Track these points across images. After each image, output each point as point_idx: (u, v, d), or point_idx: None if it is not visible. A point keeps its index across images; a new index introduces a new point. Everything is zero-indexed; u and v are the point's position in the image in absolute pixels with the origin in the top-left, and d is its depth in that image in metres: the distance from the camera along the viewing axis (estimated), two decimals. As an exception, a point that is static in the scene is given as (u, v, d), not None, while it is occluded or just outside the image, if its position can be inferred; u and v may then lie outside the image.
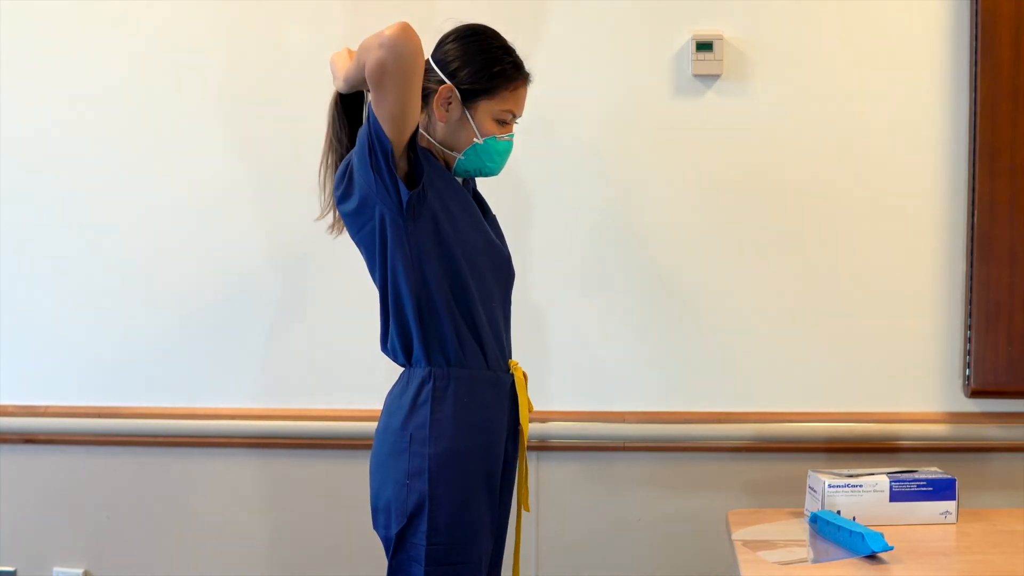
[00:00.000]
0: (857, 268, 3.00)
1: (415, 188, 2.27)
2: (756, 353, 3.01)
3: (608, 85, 2.99)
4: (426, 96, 2.38)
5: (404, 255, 2.31)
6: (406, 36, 2.18)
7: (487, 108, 2.38)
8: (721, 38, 2.95)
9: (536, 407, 2.98)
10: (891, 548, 2.38)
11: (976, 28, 2.91)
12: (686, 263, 3.00)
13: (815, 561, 2.40)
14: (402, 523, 2.33)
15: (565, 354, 3.03)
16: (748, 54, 2.97)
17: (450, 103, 2.37)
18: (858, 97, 2.97)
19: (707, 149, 2.99)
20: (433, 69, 2.38)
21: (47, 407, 3.11)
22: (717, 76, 2.97)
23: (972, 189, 2.94)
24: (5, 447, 3.12)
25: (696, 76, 2.97)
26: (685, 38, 2.97)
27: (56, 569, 3.15)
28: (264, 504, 3.12)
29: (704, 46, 2.95)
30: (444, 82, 2.36)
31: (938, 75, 2.96)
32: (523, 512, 2.54)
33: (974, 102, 2.93)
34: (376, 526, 2.41)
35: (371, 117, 2.24)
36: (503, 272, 2.47)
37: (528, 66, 2.43)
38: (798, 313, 3.01)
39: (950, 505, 2.62)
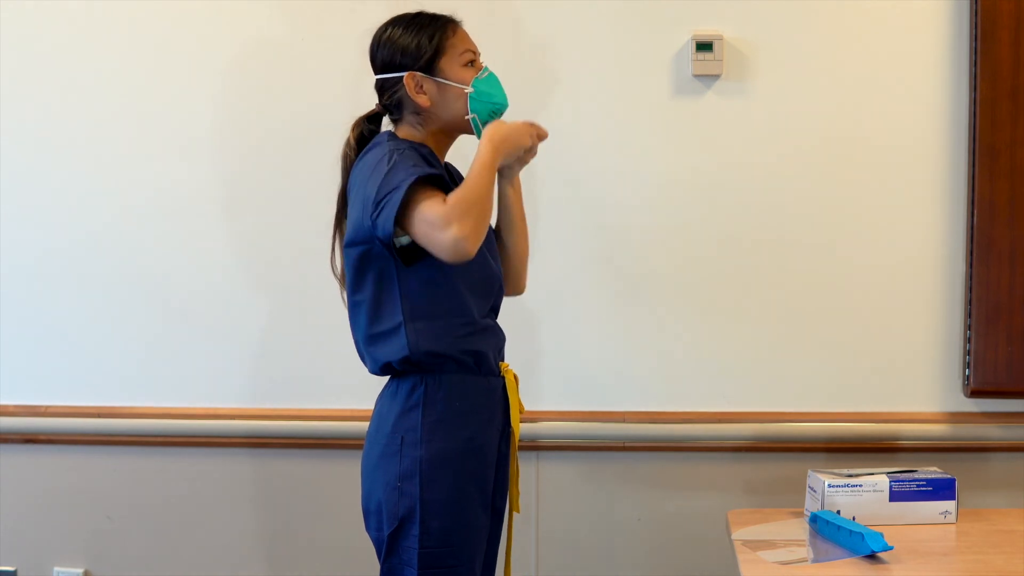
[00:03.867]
0: (857, 268, 2.99)
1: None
2: (756, 353, 3.01)
3: (608, 85, 2.99)
4: (401, 102, 2.40)
5: (397, 281, 2.32)
6: (456, 253, 2.18)
7: (449, 63, 2.39)
8: (721, 38, 2.95)
9: (536, 407, 2.99)
10: (891, 548, 2.38)
11: (976, 28, 2.91)
12: (686, 263, 3.00)
13: (815, 561, 2.40)
14: (393, 525, 2.33)
15: (565, 354, 3.03)
16: (748, 54, 2.97)
17: (422, 85, 2.38)
18: (858, 97, 2.97)
19: (707, 149, 2.99)
20: (386, 77, 2.40)
21: (47, 407, 3.11)
22: (717, 76, 2.97)
23: (972, 189, 2.94)
24: (5, 447, 3.12)
25: (696, 76, 2.97)
26: (685, 38, 2.97)
27: (56, 569, 3.15)
28: (264, 504, 3.12)
29: (704, 46, 2.94)
30: (401, 75, 2.38)
31: (938, 75, 2.96)
32: (515, 513, 2.54)
33: (974, 102, 2.93)
34: (368, 528, 2.40)
35: (387, 217, 2.22)
36: (495, 288, 2.47)
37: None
38: (798, 313, 3.01)
39: (950, 505, 2.62)
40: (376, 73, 2.43)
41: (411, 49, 2.38)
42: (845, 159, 2.98)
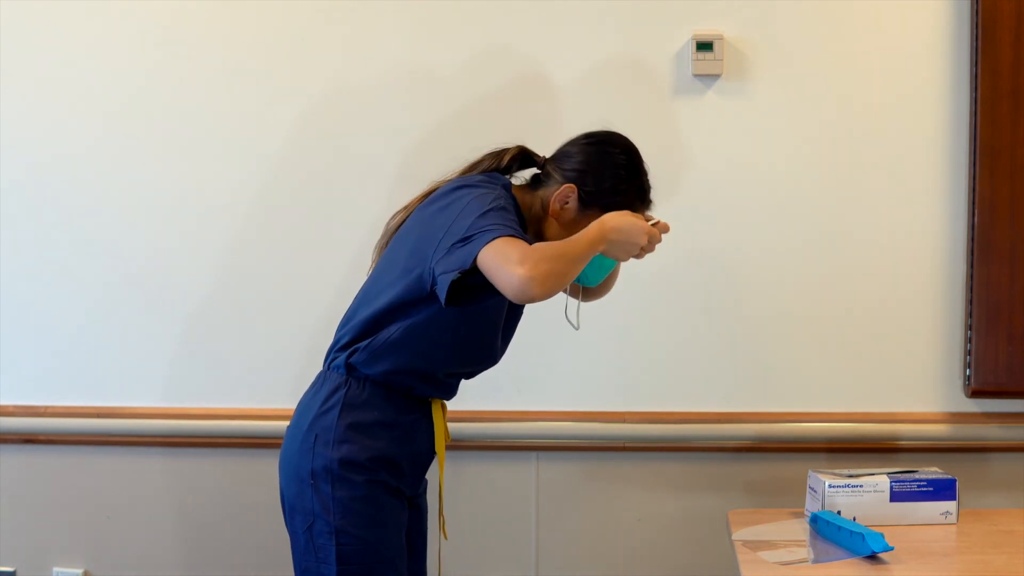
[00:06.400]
0: (857, 268, 2.99)
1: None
2: (756, 353, 3.01)
3: (608, 85, 2.99)
4: (544, 185, 2.39)
5: (416, 302, 2.31)
6: (521, 292, 2.11)
7: None
8: (721, 38, 2.94)
9: (536, 407, 2.99)
10: (891, 548, 2.38)
11: (976, 28, 2.91)
12: (685, 263, 3.00)
13: (815, 561, 2.40)
14: (309, 521, 2.36)
15: (565, 353, 3.03)
16: (748, 54, 2.96)
17: (567, 203, 2.35)
18: (858, 97, 2.97)
19: (707, 149, 2.99)
20: (563, 166, 2.38)
21: (47, 407, 3.10)
22: (717, 76, 2.97)
23: (972, 189, 2.94)
24: (5, 447, 3.12)
25: (696, 76, 2.97)
26: (685, 38, 2.97)
27: (56, 569, 3.15)
28: (264, 504, 3.11)
29: (704, 46, 2.94)
30: (570, 181, 2.35)
31: (938, 75, 2.96)
32: (442, 533, 2.58)
33: (974, 102, 2.93)
34: (284, 518, 2.44)
35: (467, 253, 2.17)
36: (482, 365, 2.49)
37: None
38: (798, 313, 3.01)
39: (950, 505, 2.62)
40: (570, 148, 2.41)
41: (600, 180, 2.35)
42: (845, 159, 2.98)
